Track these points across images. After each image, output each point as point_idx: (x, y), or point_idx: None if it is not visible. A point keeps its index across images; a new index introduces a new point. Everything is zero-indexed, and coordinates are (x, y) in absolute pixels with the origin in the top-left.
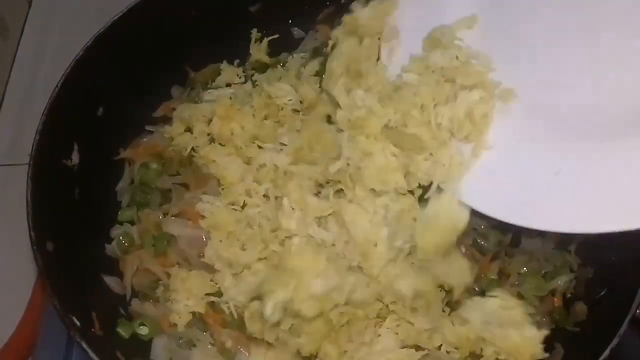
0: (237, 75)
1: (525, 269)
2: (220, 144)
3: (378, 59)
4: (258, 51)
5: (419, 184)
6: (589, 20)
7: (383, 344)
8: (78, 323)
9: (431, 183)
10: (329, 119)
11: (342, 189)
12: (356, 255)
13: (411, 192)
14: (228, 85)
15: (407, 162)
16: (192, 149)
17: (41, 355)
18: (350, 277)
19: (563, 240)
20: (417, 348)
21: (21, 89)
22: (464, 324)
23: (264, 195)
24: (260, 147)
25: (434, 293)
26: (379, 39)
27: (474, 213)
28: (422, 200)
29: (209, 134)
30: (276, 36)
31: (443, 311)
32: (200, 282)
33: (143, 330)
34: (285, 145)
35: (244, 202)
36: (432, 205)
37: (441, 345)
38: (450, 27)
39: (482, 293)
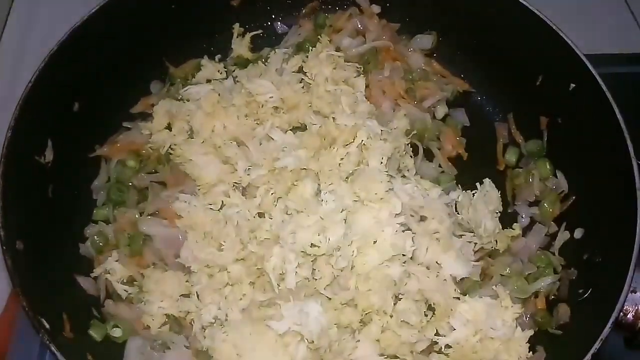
0: (218, 71)
1: (508, 270)
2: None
3: None
4: (240, 46)
5: None
6: None
7: (361, 351)
8: (47, 325)
9: None
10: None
11: None
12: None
13: None
14: (208, 81)
15: None
16: (170, 146)
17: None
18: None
19: (548, 241)
20: (395, 357)
21: (5, 82)
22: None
23: (242, 194)
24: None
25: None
26: None
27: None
28: None
29: (188, 131)
30: (259, 31)
31: (425, 315)
32: (175, 283)
33: (116, 332)
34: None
35: (222, 202)
36: None
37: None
38: None
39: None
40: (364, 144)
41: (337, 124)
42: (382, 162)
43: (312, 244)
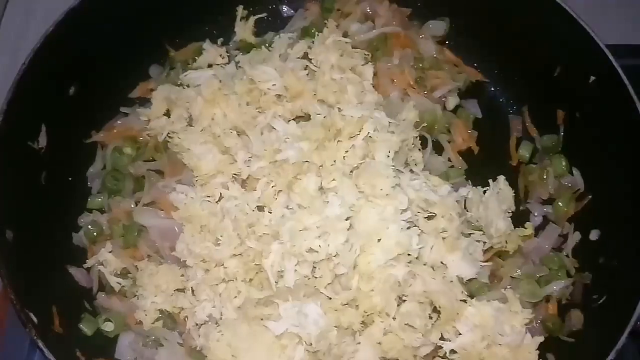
0: (220, 55)
1: (519, 272)
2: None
3: None
4: (243, 30)
5: None
6: None
7: (362, 354)
8: (36, 320)
9: None
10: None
11: None
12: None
13: None
14: (210, 66)
15: None
16: (168, 134)
17: (4, 350)
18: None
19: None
20: None
21: (4, 64)
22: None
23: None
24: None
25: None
26: None
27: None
28: None
29: (187, 118)
30: (264, 15)
31: (430, 317)
32: (170, 278)
33: (108, 327)
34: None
35: (220, 194)
36: None
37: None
38: None
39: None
40: (370, 136)
41: (343, 115)
42: (388, 156)
43: (310, 248)
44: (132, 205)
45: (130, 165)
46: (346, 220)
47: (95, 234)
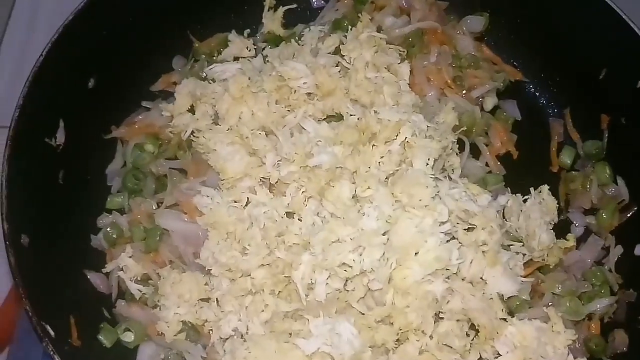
0: (247, 47)
1: (560, 287)
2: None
3: None
4: (271, 21)
5: None
6: None
7: None
8: (53, 333)
9: None
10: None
11: None
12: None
13: None
14: (236, 58)
15: None
16: (193, 132)
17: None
18: None
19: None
20: None
21: (14, 56)
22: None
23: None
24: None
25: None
26: None
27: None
28: None
29: (212, 116)
30: (293, 5)
31: (467, 335)
32: (194, 287)
33: (128, 337)
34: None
35: (247, 199)
36: None
37: None
38: None
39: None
40: (407, 141)
41: (379, 118)
42: (427, 164)
43: (343, 263)
44: (154, 207)
45: (152, 163)
46: (383, 234)
47: (114, 236)
